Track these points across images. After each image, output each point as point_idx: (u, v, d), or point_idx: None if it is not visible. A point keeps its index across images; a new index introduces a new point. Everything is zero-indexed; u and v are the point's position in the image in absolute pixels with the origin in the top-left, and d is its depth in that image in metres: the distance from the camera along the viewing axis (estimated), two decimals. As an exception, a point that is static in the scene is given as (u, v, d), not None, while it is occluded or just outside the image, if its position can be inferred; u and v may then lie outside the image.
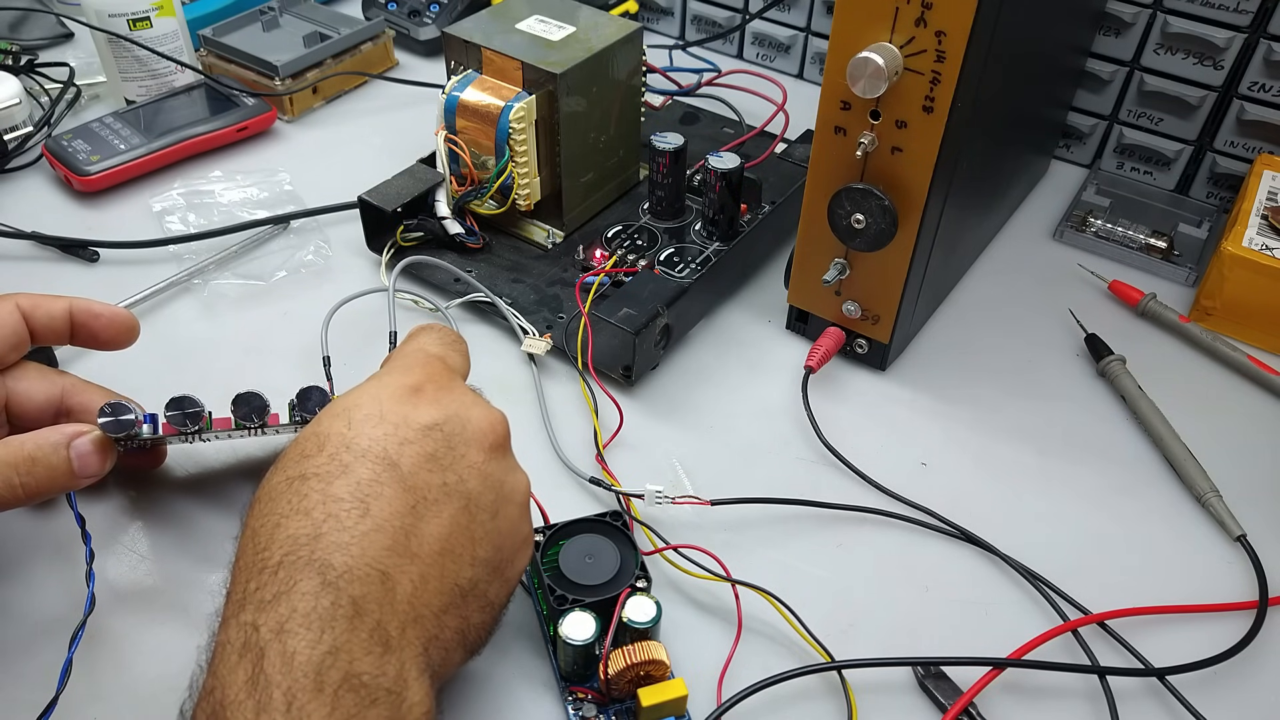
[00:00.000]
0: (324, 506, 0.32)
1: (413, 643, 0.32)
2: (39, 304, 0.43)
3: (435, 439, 0.34)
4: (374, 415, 0.34)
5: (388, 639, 0.30)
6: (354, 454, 0.33)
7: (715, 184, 0.56)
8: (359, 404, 0.35)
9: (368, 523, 0.32)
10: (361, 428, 0.34)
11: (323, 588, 0.30)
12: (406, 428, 0.34)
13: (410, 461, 0.34)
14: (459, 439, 0.35)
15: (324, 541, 0.31)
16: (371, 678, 0.29)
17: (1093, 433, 0.52)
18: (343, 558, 0.31)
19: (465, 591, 0.34)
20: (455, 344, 0.41)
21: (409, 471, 0.33)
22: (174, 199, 0.64)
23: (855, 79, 0.43)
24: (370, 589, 0.31)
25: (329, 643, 0.29)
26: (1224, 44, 0.61)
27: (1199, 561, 0.46)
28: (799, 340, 0.56)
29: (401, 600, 0.31)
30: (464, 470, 0.35)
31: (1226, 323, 0.57)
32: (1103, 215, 0.65)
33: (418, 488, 0.33)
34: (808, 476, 0.49)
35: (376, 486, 0.33)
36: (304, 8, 0.80)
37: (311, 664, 0.29)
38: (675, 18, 0.84)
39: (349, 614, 0.30)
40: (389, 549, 0.32)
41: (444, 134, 0.58)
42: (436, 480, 0.34)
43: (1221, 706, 0.40)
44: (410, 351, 0.39)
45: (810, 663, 0.40)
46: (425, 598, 0.32)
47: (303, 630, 0.29)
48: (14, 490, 0.38)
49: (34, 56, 0.76)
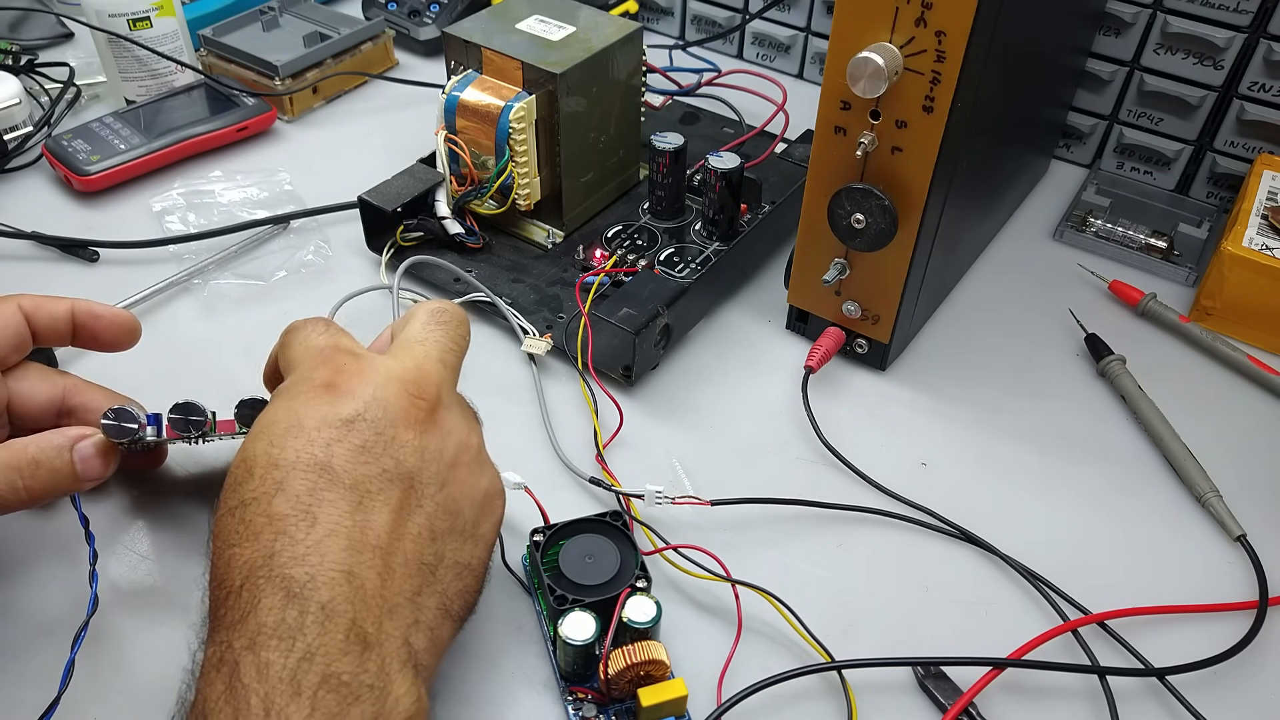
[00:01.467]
0: (271, 527, 0.32)
1: (392, 635, 0.31)
2: (41, 305, 0.44)
3: (361, 430, 0.34)
4: (292, 426, 0.34)
5: (365, 636, 0.30)
6: (283, 469, 0.33)
7: (715, 184, 0.56)
8: (274, 419, 0.34)
9: (319, 530, 0.31)
10: (284, 441, 0.33)
11: (288, 600, 0.30)
12: (328, 428, 0.33)
13: (342, 460, 0.33)
14: (384, 422, 0.34)
15: (280, 558, 0.31)
16: (352, 676, 0.30)
17: (1093, 433, 0.52)
18: (302, 569, 0.31)
19: (434, 567, 0.34)
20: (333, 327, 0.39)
21: (343, 470, 0.33)
22: (174, 199, 0.64)
23: (855, 79, 0.43)
24: (337, 591, 0.31)
25: (302, 649, 0.29)
26: (1224, 44, 0.61)
27: (1199, 561, 0.46)
28: (799, 340, 0.57)
29: (372, 594, 0.31)
30: (399, 452, 0.34)
31: (1226, 323, 0.57)
32: (1103, 215, 0.65)
33: (357, 483, 0.33)
34: (808, 476, 0.49)
35: (316, 494, 0.32)
36: (304, 8, 0.80)
37: (287, 670, 0.29)
38: (675, 18, 0.84)
39: (319, 619, 0.30)
40: (347, 548, 0.32)
41: (444, 134, 0.58)
42: (374, 470, 0.33)
43: (1221, 706, 0.40)
44: (301, 355, 0.37)
45: (810, 663, 0.40)
46: (395, 585, 0.32)
47: (274, 642, 0.29)
48: (17, 493, 0.38)
49: (34, 56, 0.76)
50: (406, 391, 0.35)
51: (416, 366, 0.37)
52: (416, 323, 0.39)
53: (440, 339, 0.39)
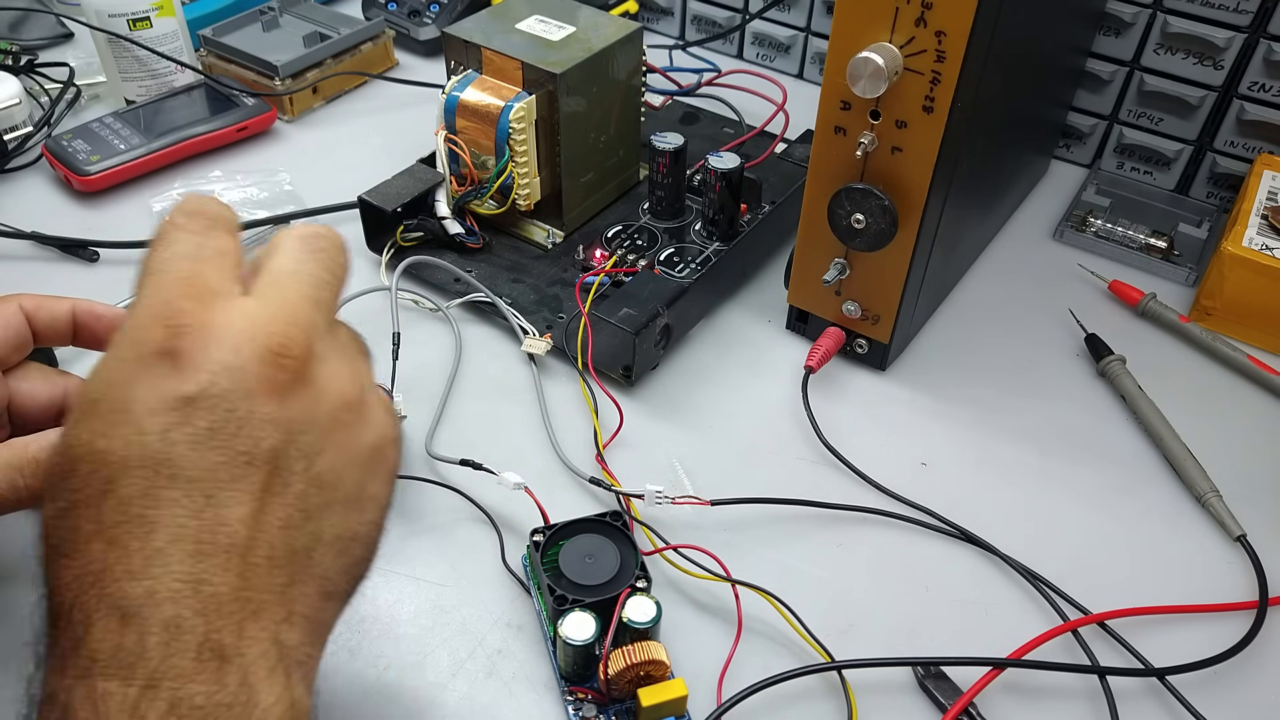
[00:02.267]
0: (100, 536, 0.26)
1: (257, 639, 0.27)
2: (42, 305, 0.43)
3: (207, 408, 0.27)
4: (119, 409, 0.27)
5: (221, 649, 0.26)
6: (112, 467, 0.27)
7: (715, 184, 0.56)
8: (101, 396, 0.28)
9: (158, 537, 0.26)
10: (109, 429, 0.27)
11: (123, 623, 0.26)
12: (164, 411, 0.27)
13: (183, 450, 0.27)
14: (237, 395, 0.27)
15: (112, 573, 0.26)
16: (207, 697, 0.26)
17: (1093, 433, 0.52)
18: (139, 584, 0.26)
19: (309, 550, 0.29)
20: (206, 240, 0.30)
21: (186, 463, 0.27)
22: (174, 199, 0.64)
23: (855, 79, 0.43)
24: (183, 605, 0.26)
25: (144, 676, 0.25)
26: (1224, 44, 0.61)
27: (1199, 561, 0.46)
28: (799, 340, 0.57)
29: (227, 601, 0.27)
30: (256, 430, 0.28)
31: (1226, 323, 0.57)
32: (1103, 215, 0.65)
33: (204, 477, 0.27)
34: (808, 476, 0.49)
35: (152, 494, 0.26)
36: (304, 8, 0.80)
37: (128, 702, 0.25)
38: (675, 18, 0.84)
39: (163, 640, 0.26)
40: (192, 554, 0.26)
41: (444, 134, 0.58)
42: (224, 458, 0.27)
43: (1221, 706, 0.40)
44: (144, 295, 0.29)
45: (810, 663, 0.40)
46: (259, 583, 0.27)
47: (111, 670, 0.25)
48: (17, 492, 0.38)
49: (34, 56, 0.76)
50: (269, 348, 0.28)
51: (282, 312, 0.29)
52: (284, 253, 0.31)
53: (313, 270, 0.31)
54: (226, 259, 0.30)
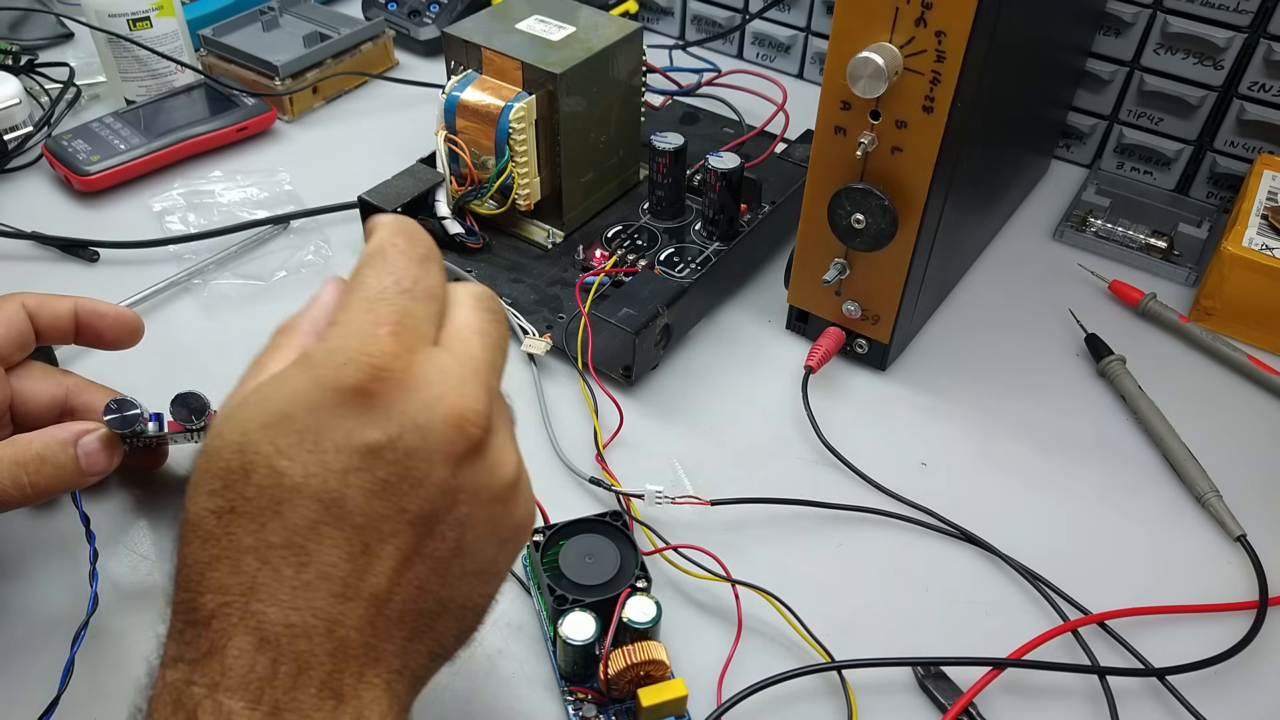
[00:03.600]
0: (257, 553, 0.27)
1: (373, 685, 0.28)
2: (44, 303, 0.44)
3: (386, 462, 0.27)
4: (308, 436, 0.27)
5: (340, 690, 0.27)
6: (287, 490, 0.27)
7: (715, 184, 0.56)
8: (291, 414, 0.28)
9: (310, 571, 0.27)
10: (294, 452, 0.27)
11: (260, 646, 0.26)
12: (350, 452, 0.27)
13: (356, 495, 0.27)
14: (419, 456, 0.28)
15: (259, 594, 0.27)
16: None
17: (1093, 433, 0.52)
18: (280, 612, 0.27)
19: (435, 614, 0.30)
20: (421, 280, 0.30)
21: (355, 508, 0.27)
22: (174, 199, 0.64)
23: (855, 79, 0.43)
24: (316, 643, 0.27)
25: (270, 703, 0.26)
26: (1224, 44, 0.61)
27: (1199, 561, 0.46)
28: (799, 340, 0.57)
29: (355, 646, 0.27)
30: (426, 493, 0.28)
31: (1226, 323, 0.57)
32: (1103, 215, 0.65)
33: (367, 525, 0.28)
34: (808, 476, 0.49)
35: (316, 530, 0.27)
36: (304, 8, 0.80)
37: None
38: (675, 18, 0.84)
39: (292, 672, 0.26)
40: (336, 596, 0.27)
41: (444, 134, 0.58)
42: (390, 510, 0.28)
43: (1221, 706, 0.40)
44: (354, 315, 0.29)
45: (810, 663, 0.40)
46: (384, 634, 0.28)
47: (240, 689, 0.26)
48: (23, 489, 0.38)
49: (34, 56, 0.76)
50: (456, 416, 0.28)
51: (474, 375, 0.29)
52: (467, 309, 0.31)
53: (496, 336, 0.31)
54: (435, 302, 0.30)
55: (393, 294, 0.29)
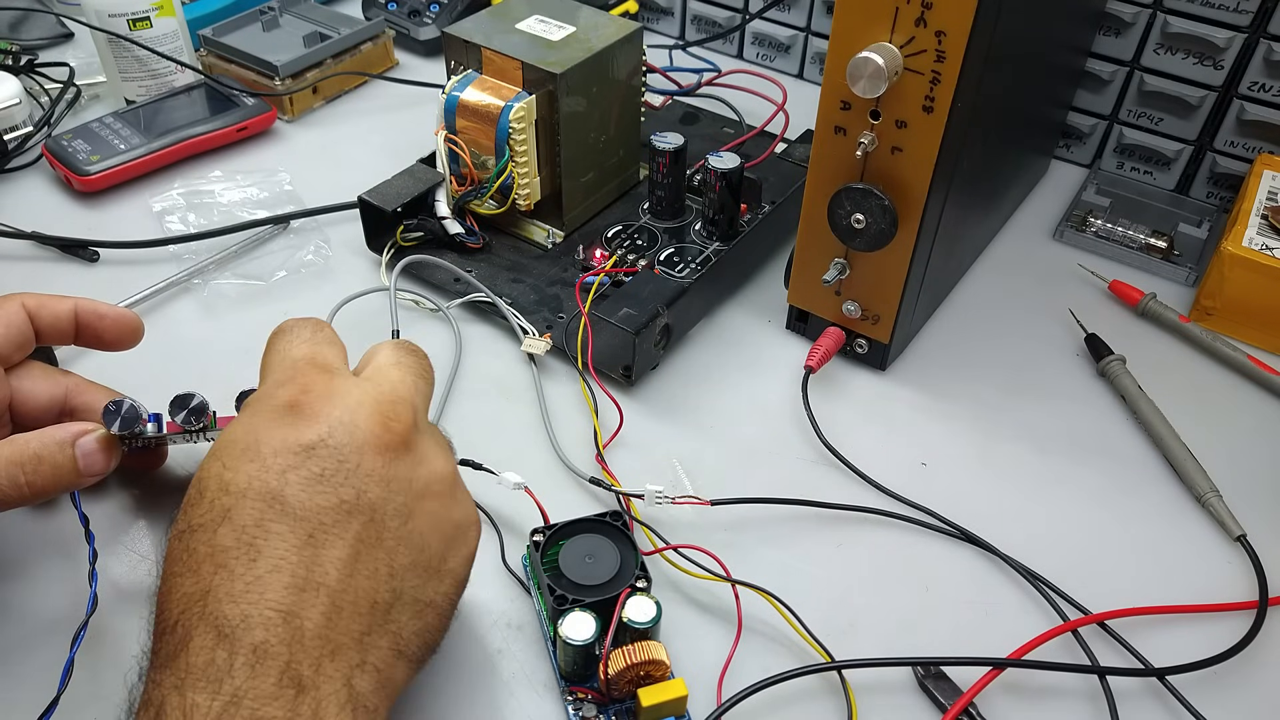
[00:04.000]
0: (212, 559, 0.30)
1: (331, 678, 0.30)
2: (44, 304, 0.44)
3: (321, 457, 0.31)
4: (249, 448, 0.31)
5: (300, 680, 0.29)
6: (233, 495, 0.31)
7: (715, 184, 0.56)
8: (234, 439, 0.32)
9: (261, 565, 0.30)
10: (237, 465, 0.31)
11: (218, 641, 0.28)
12: (286, 453, 0.31)
13: (296, 489, 0.31)
14: (349, 448, 0.32)
15: (215, 594, 0.29)
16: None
17: (1093, 433, 0.52)
18: (237, 608, 0.29)
19: (389, 605, 0.32)
20: (319, 334, 0.37)
21: (296, 501, 0.31)
22: (174, 199, 0.64)
23: (855, 79, 0.43)
24: (272, 632, 0.29)
25: (229, 692, 0.28)
26: (1224, 44, 0.61)
27: (1199, 561, 0.46)
28: (799, 340, 0.57)
29: (311, 636, 0.29)
30: (361, 482, 0.32)
31: (1226, 323, 0.57)
32: (1103, 215, 0.65)
33: (310, 516, 0.31)
34: (808, 476, 0.49)
35: (263, 525, 0.30)
36: (304, 8, 0.80)
37: (212, 713, 0.28)
38: (675, 18, 0.84)
39: (249, 662, 0.28)
40: (288, 587, 0.30)
41: (444, 134, 0.58)
42: (330, 501, 0.31)
43: (1221, 706, 0.40)
44: (275, 364, 0.35)
45: (810, 663, 0.40)
46: (340, 625, 0.30)
47: (201, 683, 0.28)
48: (20, 489, 0.38)
49: (34, 56, 0.76)
50: (380, 413, 0.33)
51: (392, 389, 0.34)
52: (384, 353, 0.37)
53: (413, 365, 0.37)
54: (338, 348, 0.37)
55: (299, 342, 0.36)
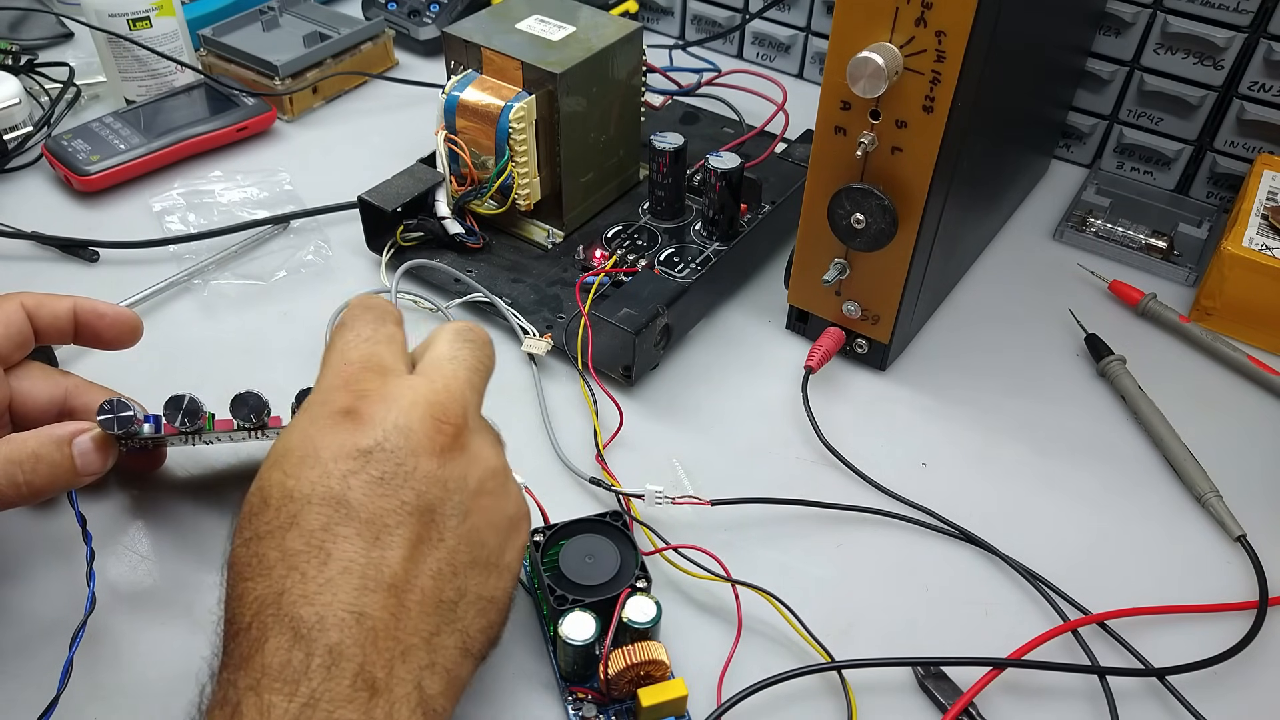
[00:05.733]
0: (283, 562, 0.30)
1: (403, 680, 0.30)
2: (43, 303, 0.44)
3: (379, 460, 0.32)
4: (309, 455, 0.32)
5: (374, 682, 0.29)
6: (298, 502, 0.31)
7: (715, 184, 0.56)
8: (291, 446, 0.33)
9: (331, 568, 0.30)
10: (299, 472, 0.32)
11: (294, 642, 0.29)
12: (345, 459, 0.32)
13: (359, 493, 0.32)
14: (405, 451, 0.32)
15: (289, 596, 0.30)
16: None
17: (1093, 433, 0.52)
18: (311, 609, 0.30)
19: (454, 604, 0.33)
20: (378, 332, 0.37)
21: (359, 504, 0.31)
22: (174, 199, 0.64)
23: (855, 79, 0.43)
24: (346, 633, 0.29)
25: (306, 694, 0.28)
26: (1224, 44, 0.61)
27: (1199, 561, 0.46)
28: (799, 340, 0.56)
29: (383, 637, 0.30)
30: (419, 484, 0.33)
31: (1226, 323, 0.57)
32: (1103, 215, 0.65)
33: (374, 518, 0.31)
34: (808, 476, 0.49)
35: (330, 529, 0.31)
36: (304, 8, 0.80)
37: (289, 715, 0.28)
38: (675, 18, 0.84)
39: (325, 664, 0.29)
40: (359, 588, 0.30)
41: (444, 134, 0.58)
42: (392, 504, 0.32)
43: (1221, 706, 0.40)
44: (332, 365, 0.36)
45: (810, 663, 0.40)
46: (409, 625, 0.31)
47: (278, 684, 0.28)
48: (18, 488, 0.38)
49: (34, 56, 0.76)
50: (431, 416, 0.33)
51: (445, 388, 0.35)
52: (443, 341, 0.37)
53: (468, 358, 0.37)
54: (396, 344, 0.37)
55: (356, 343, 0.36)
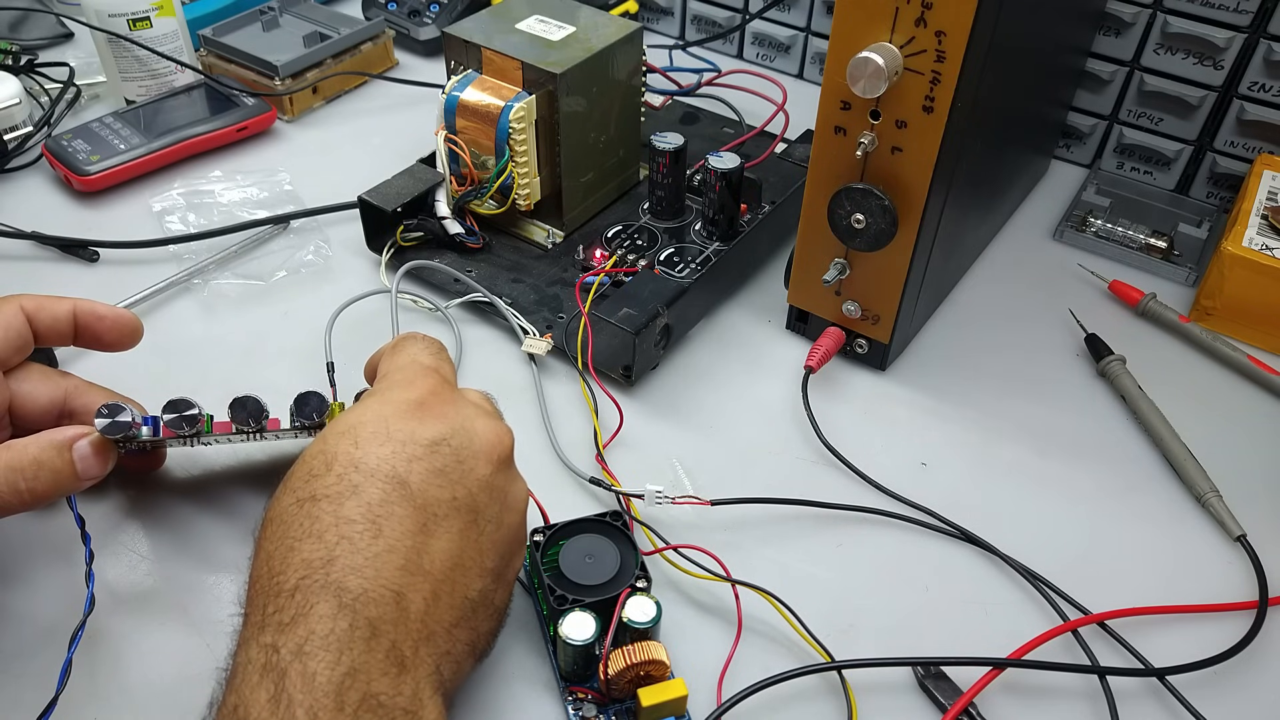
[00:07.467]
0: (336, 529, 0.32)
1: (425, 661, 0.32)
2: (43, 305, 0.44)
3: (443, 454, 0.35)
4: (380, 433, 0.34)
5: (403, 659, 0.31)
6: (363, 473, 0.33)
7: (715, 184, 0.56)
8: (364, 421, 0.35)
9: (381, 543, 0.32)
10: (369, 446, 0.34)
11: (339, 610, 0.30)
12: (414, 444, 0.34)
13: (419, 479, 0.34)
14: (466, 452, 0.35)
15: (338, 564, 0.31)
16: (389, 698, 0.30)
17: (1093, 433, 0.52)
18: (358, 580, 0.31)
19: (475, 603, 0.35)
20: (442, 353, 0.41)
21: (418, 489, 0.33)
22: (174, 199, 0.64)
23: (855, 79, 0.43)
24: (385, 610, 0.31)
25: (348, 664, 0.29)
26: (1224, 44, 0.61)
27: (1199, 561, 0.46)
28: (799, 340, 0.56)
29: (415, 619, 0.32)
30: (471, 484, 0.35)
31: (1226, 323, 0.57)
32: (1103, 215, 0.65)
33: (427, 505, 0.33)
34: (808, 476, 0.49)
35: (387, 506, 0.33)
36: (304, 8, 0.80)
37: (332, 684, 0.29)
38: (675, 18, 0.84)
39: (366, 635, 0.30)
40: (402, 568, 0.32)
41: (444, 134, 0.58)
42: (445, 495, 0.34)
43: (1221, 706, 0.40)
44: (406, 365, 0.39)
45: (810, 663, 0.40)
46: (437, 614, 0.33)
47: (322, 652, 0.29)
48: (20, 495, 0.38)
49: (34, 56, 0.76)
50: (494, 432, 0.37)
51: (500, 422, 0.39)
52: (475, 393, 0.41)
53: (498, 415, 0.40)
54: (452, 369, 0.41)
55: (427, 354, 0.40)
